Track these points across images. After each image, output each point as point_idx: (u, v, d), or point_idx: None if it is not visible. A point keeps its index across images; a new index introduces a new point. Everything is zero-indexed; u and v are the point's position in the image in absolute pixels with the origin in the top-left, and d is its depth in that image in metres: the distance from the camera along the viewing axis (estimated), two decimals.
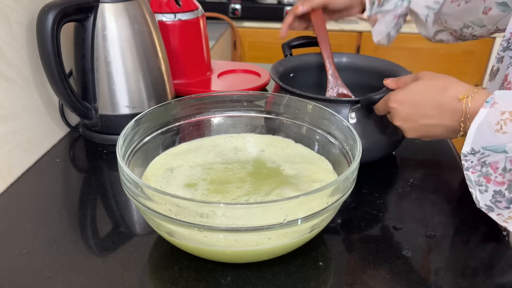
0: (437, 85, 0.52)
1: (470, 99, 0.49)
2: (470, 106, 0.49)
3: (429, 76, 0.54)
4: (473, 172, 0.49)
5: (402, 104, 0.54)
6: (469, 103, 0.49)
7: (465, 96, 0.49)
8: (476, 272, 0.51)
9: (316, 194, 0.44)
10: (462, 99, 0.49)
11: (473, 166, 0.49)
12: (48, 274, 0.49)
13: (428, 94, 0.52)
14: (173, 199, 0.42)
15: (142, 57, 0.73)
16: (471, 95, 0.49)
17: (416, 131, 0.56)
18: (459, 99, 0.49)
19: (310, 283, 0.49)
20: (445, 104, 0.51)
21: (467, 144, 0.48)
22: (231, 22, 1.96)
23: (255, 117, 0.66)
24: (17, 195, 0.63)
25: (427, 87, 0.53)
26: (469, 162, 0.49)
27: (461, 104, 0.49)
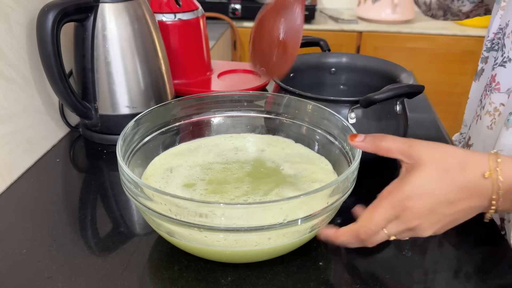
0: (451, 166, 0.43)
1: (499, 172, 0.42)
2: (502, 181, 0.41)
3: (432, 160, 0.43)
4: None
5: (419, 199, 0.43)
6: (500, 178, 0.41)
7: (491, 172, 0.42)
8: (476, 272, 0.51)
9: (316, 194, 0.44)
10: (489, 176, 0.42)
11: None
12: (48, 274, 0.49)
13: (446, 179, 0.43)
14: (173, 199, 0.42)
15: (142, 57, 0.73)
16: (497, 168, 0.42)
17: (437, 225, 0.44)
18: (485, 177, 0.42)
19: (310, 283, 0.49)
20: (470, 185, 0.42)
21: None
22: (231, 22, 1.96)
23: (255, 117, 0.66)
24: (17, 195, 0.63)
25: (441, 172, 0.43)
26: None
27: (489, 181, 0.42)
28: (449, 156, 0.43)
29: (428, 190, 0.43)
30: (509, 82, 0.53)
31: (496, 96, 0.55)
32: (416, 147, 0.44)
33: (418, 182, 0.43)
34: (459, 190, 0.42)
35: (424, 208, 0.43)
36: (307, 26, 1.98)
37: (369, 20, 2.03)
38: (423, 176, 0.43)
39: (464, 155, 0.43)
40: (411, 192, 0.43)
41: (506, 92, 0.54)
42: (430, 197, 0.43)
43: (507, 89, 0.54)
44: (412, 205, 0.43)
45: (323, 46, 0.85)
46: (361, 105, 0.62)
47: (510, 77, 0.53)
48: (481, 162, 0.42)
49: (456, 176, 0.42)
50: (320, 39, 0.85)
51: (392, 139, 0.46)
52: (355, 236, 0.45)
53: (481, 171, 0.42)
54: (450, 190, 0.43)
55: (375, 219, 0.44)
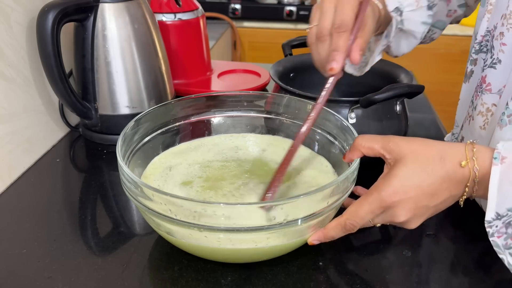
0: (431, 158, 0.45)
1: (475, 161, 0.44)
2: (478, 169, 0.44)
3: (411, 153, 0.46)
4: (499, 236, 0.44)
5: (406, 193, 0.45)
6: (476, 165, 0.44)
7: (467, 161, 0.44)
8: (476, 272, 0.51)
9: (316, 194, 0.44)
10: (465, 165, 0.44)
11: (498, 230, 0.44)
12: (48, 274, 0.49)
13: (427, 171, 0.45)
14: (172, 199, 0.42)
15: (142, 57, 0.73)
16: (473, 157, 0.44)
17: (422, 217, 0.47)
18: (462, 166, 0.44)
19: (310, 283, 0.49)
20: (449, 175, 0.45)
21: (491, 210, 0.44)
22: (231, 22, 1.96)
23: (255, 117, 0.66)
24: (17, 195, 0.63)
25: (422, 164, 0.45)
26: (494, 227, 0.44)
27: (466, 169, 0.44)
28: (428, 148, 0.46)
29: (413, 183, 0.45)
30: (500, 83, 0.54)
31: (488, 97, 0.56)
32: (394, 141, 0.47)
33: (403, 176, 0.45)
34: (441, 180, 0.45)
35: (410, 201, 0.45)
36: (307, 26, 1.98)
37: None
38: (407, 170, 0.45)
39: (442, 146, 0.46)
40: (397, 186, 0.45)
41: (497, 93, 0.55)
42: (415, 189, 0.45)
43: (498, 90, 0.55)
44: (399, 200, 0.45)
45: None
46: (361, 105, 0.62)
47: (500, 78, 0.54)
48: (458, 152, 0.45)
49: (436, 167, 0.44)
50: None
51: (372, 139, 0.48)
52: (342, 228, 0.47)
53: (458, 160, 0.44)
54: (433, 181, 0.45)
55: (360, 214, 0.46)
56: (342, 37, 0.51)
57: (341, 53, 0.51)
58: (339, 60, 0.51)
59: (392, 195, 0.44)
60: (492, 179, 0.43)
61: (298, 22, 2.00)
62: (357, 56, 0.51)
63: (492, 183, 0.43)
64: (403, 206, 0.45)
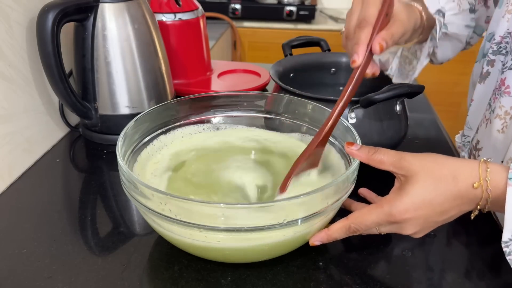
0: (443, 176, 0.45)
1: (488, 182, 0.44)
2: (491, 190, 0.44)
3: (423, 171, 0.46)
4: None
5: (416, 210, 0.45)
6: (489, 187, 0.44)
7: (480, 182, 0.44)
8: (476, 272, 0.51)
9: (316, 194, 0.44)
10: (478, 186, 0.44)
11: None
12: (48, 274, 0.49)
13: (440, 189, 0.45)
14: (172, 199, 0.42)
15: (142, 57, 0.73)
16: (486, 178, 0.44)
17: (429, 229, 0.48)
18: (474, 187, 0.44)
19: (310, 283, 0.49)
20: (462, 194, 0.45)
21: (508, 231, 0.44)
22: (231, 22, 1.96)
23: (255, 117, 0.66)
24: (17, 195, 0.63)
25: (434, 182, 0.45)
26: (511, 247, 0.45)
27: (479, 190, 0.44)
28: (440, 166, 0.45)
29: (425, 201, 0.45)
30: None
31: (507, 100, 0.55)
32: (407, 159, 0.46)
33: (414, 194, 0.45)
34: (452, 199, 0.45)
35: (420, 218, 0.46)
36: (307, 26, 1.99)
37: None
38: (418, 188, 0.45)
39: (454, 164, 0.46)
40: (408, 204, 0.45)
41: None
42: (426, 208, 0.45)
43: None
44: (408, 217, 0.45)
45: (323, 46, 0.85)
46: (361, 105, 0.62)
47: None
48: (471, 172, 0.44)
49: (448, 186, 0.44)
50: (320, 39, 0.85)
51: (385, 152, 0.48)
52: (346, 231, 0.48)
53: (471, 181, 0.44)
54: (444, 200, 0.45)
55: (366, 222, 0.47)
56: (363, 31, 0.51)
57: (362, 45, 0.50)
58: (359, 52, 0.50)
59: (402, 213, 0.45)
60: (508, 200, 0.42)
61: (298, 22, 2.00)
62: (377, 46, 0.50)
63: (509, 204, 0.42)
64: (412, 222, 0.46)
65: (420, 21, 0.59)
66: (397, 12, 0.54)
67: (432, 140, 0.79)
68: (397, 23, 0.53)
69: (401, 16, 0.54)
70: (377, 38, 0.51)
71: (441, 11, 0.62)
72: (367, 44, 0.51)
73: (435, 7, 0.62)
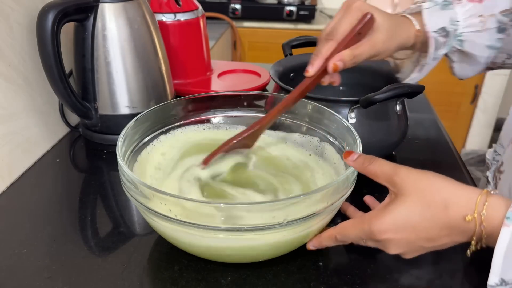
0: (434, 203, 0.41)
1: (483, 218, 0.39)
2: (485, 227, 0.40)
3: (415, 192, 0.42)
4: None
5: (396, 233, 0.43)
6: (483, 223, 0.39)
7: (474, 216, 0.40)
8: (476, 272, 0.51)
9: (316, 194, 0.44)
10: (471, 220, 0.40)
11: None
12: (48, 274, 0.49)
13: (427, 215, 0.41)
14: (172, 199, 0.42)
15: (142, 57, 0.73)
16: (481, 212, 0.39)
17: (418, 253, 0.45)
18: (466, 220, 0.40)
19: (310, 283, 0.49)
20: (452, 224, 0.41)
21: (495, 275, 0.39)
22: (231, 22, 1.96)
23: (255, 117, 0.66)
24: (17, 195, 0.63)
25: (422, 207, 0.42)
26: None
27: (471, 224, 0.40)
28: (434, 191, 0.42)
29: (407, 225, 0.42)
30: None
31: None
32: (401, 175, 0.43)
33: (398, 215, 0.42)
34: (440, 228, 0.42)
35: (401, 241, 0.43)
36: (307, 26, 1.99)
37: None
38: (404, 209, 0.42)
39: (450, 191, 0.42)
40: (388, 224, 0.43)
41: None
42: (409, 232, 0.42)
43: None
44: (388, 238, 0.43)
45: None
46: (361, 105, 0.62)
47: None
48: (466, 203, 0.40)
49: (437, 214, 0.41)
50: None
51: (380, 164, 0.45)
52: (333, 240, 0.47)
53: (464, 213, 0.40)
54: (430, 227, 0.42)
55: (350, 235, 0.46)
56: (325, 44, 0.52)
57: (319, 59, 0.52)
58: (314, 64, 0.52)
59: (382, 233, 0.43)
60: (500, 241, 0.38)
61: (298, 22, 2.00)
62: (331, 66, 0.51)
63: (500, 246, 0.38)
64: (393, 244, 0.43)
65: (414, 39, 0.58)
66: (376, 31, 0.53)
67: (432, 140, 0.79)
68: (367, 44, 0.53)
69: (377, 37, 0.53)
70: (336, 57, 0.51)
71: (445, 29, 0.59)
72: (326, 58, 0.52)
73: (438, 24, 0.59)
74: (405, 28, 0.58)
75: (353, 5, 0.53)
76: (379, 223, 0.43)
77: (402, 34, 0.57)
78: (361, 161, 0.47)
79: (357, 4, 0.53)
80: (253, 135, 0.56)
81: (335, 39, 0.52)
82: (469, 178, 0.67)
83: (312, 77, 0.53)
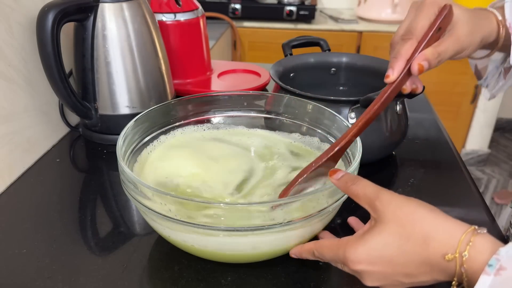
0: (413, 236, 0.37)
1: (464, 259, 0.35)
2: (466, 269, 0.35)
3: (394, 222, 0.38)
4: None
5: (371, 264, 0.39)
6: (464, 264, 0.35)
7: (455, 255, 0.35)
8: None
9: (316, 194, 0.44)
10: (450, 260, 0.35)
11: None
12: (48, 274, 0.49)
13: (405, 249, 0.37)
14: (172, 199, 0.42)
15: (142, 57, 0.73)
16: (463, 253, 0.35)
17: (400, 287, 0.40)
18: (446, 259, 0.36)
19: (310, 283, 0.49)
20: (431, 262, 0.37)
21: None
22: (231, 22, 1.96)
23: (255, 117, 0.66)
24: (17, 195, 0.63)
25: (401, 239, 0.37)
26: None
27: (452, 264, 0.35)
28: (414, 221, 0.37)
29: (383, 257, 0.38)
30: None
31: None
32: (383, 201, 0.39)
33: (373, 246, 0.39)
34: (419, 264, 0.37)
35: (377, 274, 0.39)
36: (307, 26, 1.99)
37: (369, 20, 2.03)
38: (380, 240, 0.38)
39: (432, 225, 0.37)
40: (363, 255, 0.39)
41: None
42: (384, 265, 0.38)
43: None
44: (362, 269, 0.39)
45: (323, 46, 0.85)
46: (361, 105, 0.62)
47: None
48: (448, 239, 0.36)
49: (416, 248, 0.37)
50: (320, 39, 0.85)
51: (363, 186, 0.42)
52: (311, 255, 0.45)
53: (444, 251, 0.36)
54: (408, 262, 0.38)
55: (326, 256, 0.43)
56: (405, 45, 0.46)
57: (400, 61, 0.46)
58: (395, 68, 0.46)
59: (355, 263, 0.39)
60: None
61: (298, 22, 2.00)
62: (415, 67, 0.45)
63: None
64: (368, 275, 0.40)
65: (496, 33, 0.52)
66: (457, 24, 0.48)
67: (432, 140, 0.79)
68: (451, 39, 0.47)
69: (460, 30, 0.48)
70: (420, 56, 0.45)
71: None
72: (407, 59, 0.46)
73: None
74: (487, 20, 0.52)
75: (426, 0, 0.47)
76: (353, 252, 0.39)
77: (484, 26, 0.51)
78: (345, 180, 0.43)
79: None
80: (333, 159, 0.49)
81: (414, 37, 0.46)
82: (469, 178, 0.67)
83: (393, 83, 0.46)
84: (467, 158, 2.31)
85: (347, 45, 1.99)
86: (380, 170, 0.70)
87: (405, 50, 0.46)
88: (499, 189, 2.23)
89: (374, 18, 2.01)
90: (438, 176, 0.69)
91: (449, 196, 0.64)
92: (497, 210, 2.08)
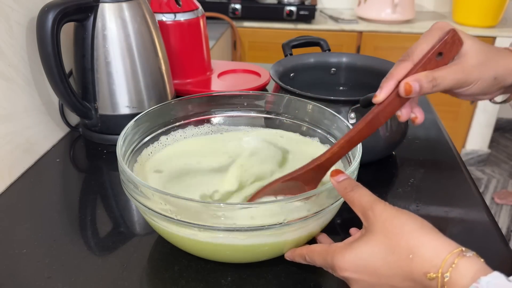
0: (398, 249, 0.37)
1: (446, 280, 0.34)
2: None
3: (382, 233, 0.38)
4: None
5: (357, 272, 0.39)
6: (445, 286, 0.34)
7: (438, 275, 0.34)
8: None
9: (316, 194, 0.44)
10: (432, 278, 0.35)
11: None
12: (48, 274, 0.49)
13: (389, 260, 0.37)
14: (172, 199, 0.42)
15: (142, 57, 0.73)
16: (445, 274, 0.34)
17: None
18: (428, 278, 0.35)
19: (310, 283, 0.49)
20: (414, 277, 0.36)
21: None
22: (231, 22, 1.96)
23: (255, 117, 0.66)
24: (17, 195, 0.63)
25: (386, 251, 0.37)
26: None
27: (434, 283, 0.35)
28: (401, 234, 0.37)
29: (368, 266, 0.39)
30: None
31: None
32: (375, 211, 0.39)
33: (359, 255, 0.39)
34: (403, 278, 0.37)
35: (362, 282, 0.40)
36: (307, 26, 1.99)
37: (369, 20, 2.03)
38: (367, 249, 0.39)
39: (419, 240, 0.36)
40: (349, 262, 0.39)
41: None
42: (369, 274, 0.39)
43: None
44: (348, 276, 0.40)
45: (323, 46, 0.85)
46: (361, 105, 0.62)
47: None
48: (433, 258, 0.35)
49: (400, 261, 0.37)
50: (320, 39, 0.86)
51: (360, 194, 0.41)
52: (303, 259, 0.46)
53: (427, 269, 0.35)
54: (392, 275, 0.37)
55: (316, 261, 0.44)
56: (399, 66, 0.44)
57: (389, 81, 0.44)
58: (383, 88, 0.44)
59: (342, 270, 0.40)
60: None
61: (298, 22, 2.00)
62: (402, 87, 0.43)
63: None
64: (354, 282, 0.40)
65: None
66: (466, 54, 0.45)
67: (432, 140, 0.79)
68: (454, 67, 0.44)
69: (467, 60, 0.45)
70: (410, 77, 0.43)
71: None
72: (398, 80, 0.44)
73: None
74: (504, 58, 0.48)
75: (435, 24, 0.45)
76: (340, 259, 0.40)
77: (500, 63, 0.47)
78: (344, 184, 0.43)
79: (440, 24, 0.45)
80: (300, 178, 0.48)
81: (410, 59, 0.44)
82: (469, 178, 0.67)
83: (381, 104, 0.44)
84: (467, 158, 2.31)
85: (347, 45, 1.99)
86: (380, 170, 0.70)
87: (397, 71, 0.44)
88: (499, 189, 2.23)
89: (374, 18, 2.01)
90: (438, 176, 0.69)
91: (449, 196, 0.64)
92: (497, 210, 2.08)
